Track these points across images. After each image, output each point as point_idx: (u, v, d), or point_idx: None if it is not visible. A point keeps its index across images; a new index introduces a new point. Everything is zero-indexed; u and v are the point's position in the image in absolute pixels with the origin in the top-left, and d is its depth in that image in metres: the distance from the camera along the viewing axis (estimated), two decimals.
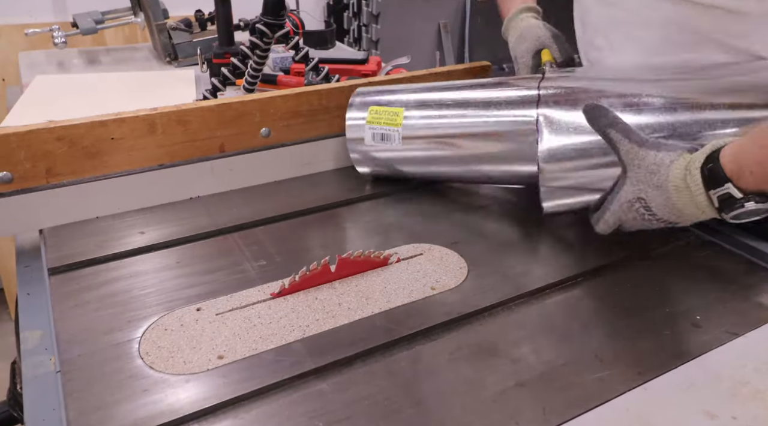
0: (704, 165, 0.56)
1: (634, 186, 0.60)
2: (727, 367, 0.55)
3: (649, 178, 0.59)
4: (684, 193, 0.57)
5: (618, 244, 0.74)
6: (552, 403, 0.51)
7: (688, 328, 0.60)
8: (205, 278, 0.67)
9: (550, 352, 0.57)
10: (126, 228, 0.76)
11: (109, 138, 0.77)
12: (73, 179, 0.76)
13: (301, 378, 0.54)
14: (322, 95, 0.89)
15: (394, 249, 0.71)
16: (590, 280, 0.68)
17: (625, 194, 0.61)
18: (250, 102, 0.84)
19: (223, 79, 1.18)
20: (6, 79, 1.93)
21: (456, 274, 0.67)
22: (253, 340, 0.57)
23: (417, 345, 0.58)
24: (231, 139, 0.85)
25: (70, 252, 0.71)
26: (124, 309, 0.62)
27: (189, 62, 1.58)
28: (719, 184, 0.55)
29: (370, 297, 0.64)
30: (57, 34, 1.59)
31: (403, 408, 0.51)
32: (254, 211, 0.80)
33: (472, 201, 0.85)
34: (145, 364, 0.55)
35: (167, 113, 0.79)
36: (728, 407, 0.51)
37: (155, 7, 1.56)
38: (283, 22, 1.08)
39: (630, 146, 0.61)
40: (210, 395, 0.51)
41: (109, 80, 1.42)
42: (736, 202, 0.55)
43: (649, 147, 0.60)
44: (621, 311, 0.63)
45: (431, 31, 2.47)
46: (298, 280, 0.64)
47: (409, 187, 0.88)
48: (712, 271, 0.70)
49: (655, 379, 0.54)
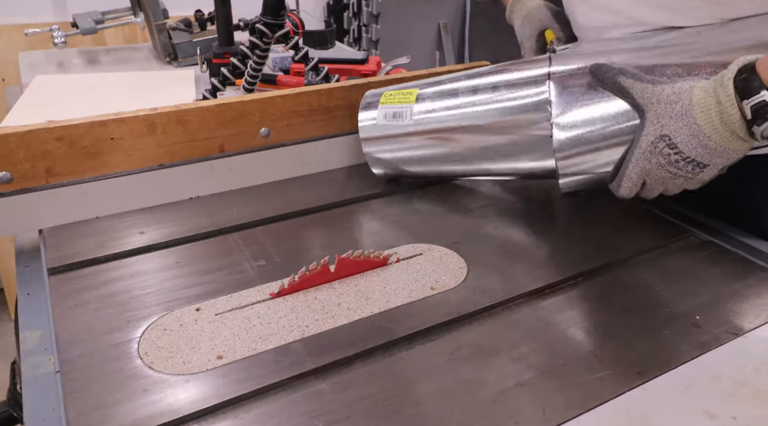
0: (737, 76, 0.54)
1: (654, 124, 0.58)
2: (727, 367, 0.55)
3: (671, 110, 0.57)
4: (712, 111, 0.55)
5: (618, 244, 0.74)
6: (552, 403, 0.51)
7: (688, 328, 0.60)
8: (205, 278, 0.67)
9: (550, 352, 0.57)
10: (126, 228, 0.76)
11: (108, 138, 0.77)
12: (73, 179, 0.76)
13: (301, 378, 0.54)
14: (322, 95, 0.89)
15: (393, 249, 0.71)
16: (590, 280, 0.68)
17: (647, 136, 0.58)
18: (250, 102, 0.84)
19: (222, 79, 1.18)
20: (6, 79, 1.93)
21: (456, 274, 0.67)
22: (253, 340, 0.57)
23: (417, 345, 0.58)
24: (231, 139, 0.84)
25: (69, 252, 0.71)
26: (124, 309, 0.62)
27: (189, 62, 1.58)
28: (755, 92, 0.53)
29: (369, 297, 0.64)
30: (57, 34, 1.59)
31: (403, 408, 0.51)
32: (254, 211, 0.80)
33: (472, 201, 0.85)
34: (144, 364, 0.55)
35: (167, 113, 0.79)
36: (728, 407, 0.51)
37: (155, 7, 1.56)
38: (282, 22, 1.08)
39: (643, 86, 0.59)
40: (209, 395, 0.51)
41: (109, 80, 1.42)
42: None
43: (665, 83, 0.58)
44: (621, 311, 0.63)
45: (431, 31, 2.47)
46: (298, 281, 0.64)
47: (409, 187, 0.88)
48: (711, 271, 0.70)
49: (655, 379, 0.54)
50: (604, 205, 0.83)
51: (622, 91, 0.61)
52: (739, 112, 0.54)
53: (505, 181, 0.89)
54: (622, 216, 0.80)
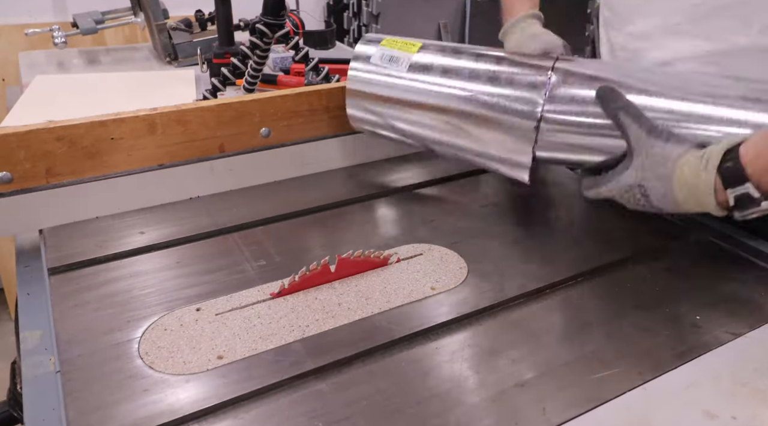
0: (722, 163, 0.55)
1: (637, 172, 0.61)
2: (727, 367, 0.55)
3: (655, 169, 0.59)
4: (690, 190, 0.57)
5: (618, 244, 0.74)
6: (552, 403, 0.51)
7: (688, 328, 0.60)
8: (205, 278, 0.67)
9: (550, 352, 0.57)
10: (126, 228, 0.76)
11: (108, 138, 0.77)
12: (73, 179, 0.76)
13: (301, 378, 0.54)
14: (322, 95, 0.89)
15: (394, 249, 0.71)
16: (590, 280, 0.68)
17: (627, 178, 0.62)
18: (250, 102, 0.84)
19: (223, 79, 1.18)
20: (6, 79, 1.93)
21: (456, 274, 0.67)
22: (253, 340, 0.57)
23: (417, 345, 0.58)
24: (231, 139, 0.84)
25: (70, 252, 0.71)
26: (124, 309, 0.62)
27: (189, 62, 1.58)
28: (739, 183, 0.54)
29: (369, 297, 0.64)
30: (57, 34, 1.59)
31: (403, 408, 0.51)
32: (254, 211, 0.80)
33: (472, 201, 0.85)
34: (144, 364, 0.55)
35: (167, 113, 0.79)
36: (728, 407, 0.51)
37: (155, 7, 1.56)
38: (283, 22, 1.08)
39: (639, 132, 0.61)
40: (210, 395, 0.51)
41: (109, 80, 1.42)
42: (753, 202, 0.54)
43: (658, 135, 0.60)
44: (621, 311, 0.63)
45: (431, 31, 2.47)
46: (298, 281, 0.64)
47: (409, 187, 0.88)
48: (712, 271, 0.70)
49: (655, 379, 0.54)
50: (603, 205, 0.82)
51: (620, 127, 0.63)
52: (715, 199, 0.56)
53: (505, 180, 0.89)
54: (622, 216, 0.80)
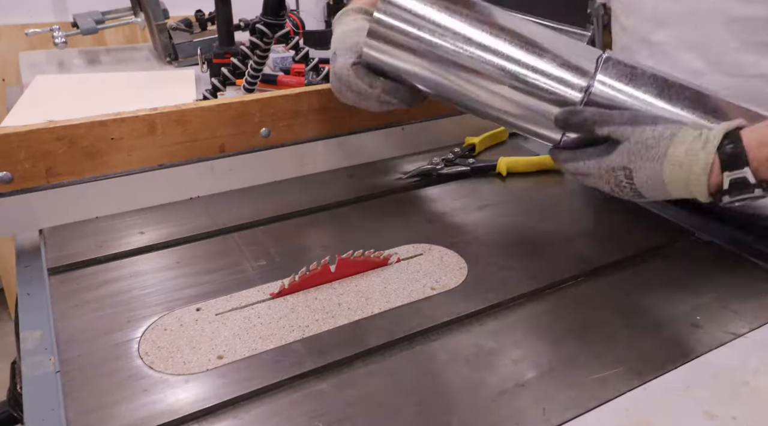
0: (722, 143, 0.54)
1: (623, 156, 0.58)
2: (727, 367, 0.55)
3: (644, 151, 0.57)
4: (681, 169, 0.55)
5: (618, 244, 0.74)
6: (552, 403, 0.51)
7: (688, 328, 0.60)
8: (205, 278, 0.67)
9: (550, 352, 0.57)
10: (126, 228, 0.76)
11: (108, 138, 0.77)
12: (73, 179, 0.76)
13: (301, 378, 0.54)
14: (322, 95, 0.89)
15: (394, 249, 0.71)
16: (590, 280, 0.68)
17: (610, 162, 0.59)
18: (250, 102, 0.84)
19: (223, 79, 1.18)
20: (6, 79, 1.93)
21: (456, 274, 0.67)
22: (253, 340, 0.57)
23: (417, 345, 0.58)
24: (231, 139, 0.84)
25: (70, 252, 0.71)
26: (124, 309, 0.62)
27: (189, 62, 1.58)
28: (738, 166, 0.53)
29: (369, 297, 0.64)
30: (57, 34, 1.60)
31: (403, 408, 0.51)
32: (254, 211, 0.80)
33: (473, 201, 0.85)
34: (144, 364, 0.55)
35: (167, 113, 0.79)
36: (728, 407, 0.51)
37: (155, 7, 1.56)
38: (283, 22, 1.09)
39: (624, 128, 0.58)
40: (210, 395, 0.51)
41: (109, 80, 1.43)
42: (747, 187, 0.53)
43: (643, 121, 0.58)
44: (621, 311, 0.63)
45: None
46: (298, 281, 0.64)
47: (409, 187, 0.88)
48: (712, 271, 0.70)
49: (655, 379, 0.54)
50: (604, 205, 0.83)
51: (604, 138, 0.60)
52: (707, 181, 0.54)
53: (505, 180, 0.89)
54: (622, 216, 0.80)
